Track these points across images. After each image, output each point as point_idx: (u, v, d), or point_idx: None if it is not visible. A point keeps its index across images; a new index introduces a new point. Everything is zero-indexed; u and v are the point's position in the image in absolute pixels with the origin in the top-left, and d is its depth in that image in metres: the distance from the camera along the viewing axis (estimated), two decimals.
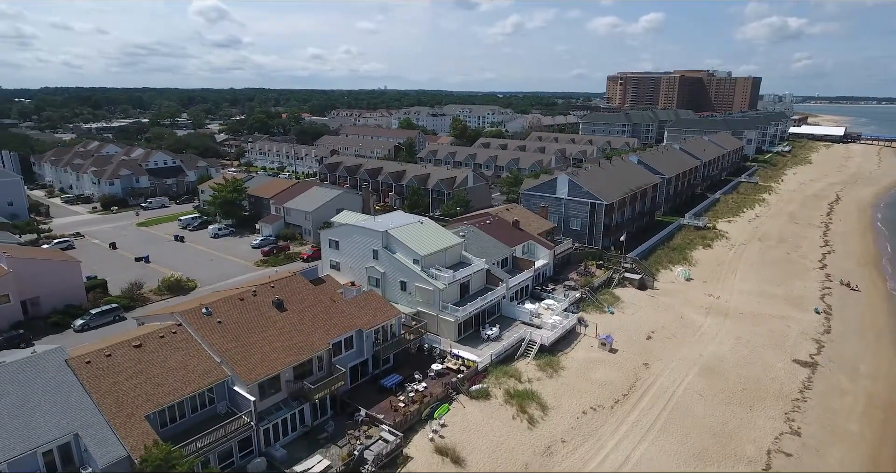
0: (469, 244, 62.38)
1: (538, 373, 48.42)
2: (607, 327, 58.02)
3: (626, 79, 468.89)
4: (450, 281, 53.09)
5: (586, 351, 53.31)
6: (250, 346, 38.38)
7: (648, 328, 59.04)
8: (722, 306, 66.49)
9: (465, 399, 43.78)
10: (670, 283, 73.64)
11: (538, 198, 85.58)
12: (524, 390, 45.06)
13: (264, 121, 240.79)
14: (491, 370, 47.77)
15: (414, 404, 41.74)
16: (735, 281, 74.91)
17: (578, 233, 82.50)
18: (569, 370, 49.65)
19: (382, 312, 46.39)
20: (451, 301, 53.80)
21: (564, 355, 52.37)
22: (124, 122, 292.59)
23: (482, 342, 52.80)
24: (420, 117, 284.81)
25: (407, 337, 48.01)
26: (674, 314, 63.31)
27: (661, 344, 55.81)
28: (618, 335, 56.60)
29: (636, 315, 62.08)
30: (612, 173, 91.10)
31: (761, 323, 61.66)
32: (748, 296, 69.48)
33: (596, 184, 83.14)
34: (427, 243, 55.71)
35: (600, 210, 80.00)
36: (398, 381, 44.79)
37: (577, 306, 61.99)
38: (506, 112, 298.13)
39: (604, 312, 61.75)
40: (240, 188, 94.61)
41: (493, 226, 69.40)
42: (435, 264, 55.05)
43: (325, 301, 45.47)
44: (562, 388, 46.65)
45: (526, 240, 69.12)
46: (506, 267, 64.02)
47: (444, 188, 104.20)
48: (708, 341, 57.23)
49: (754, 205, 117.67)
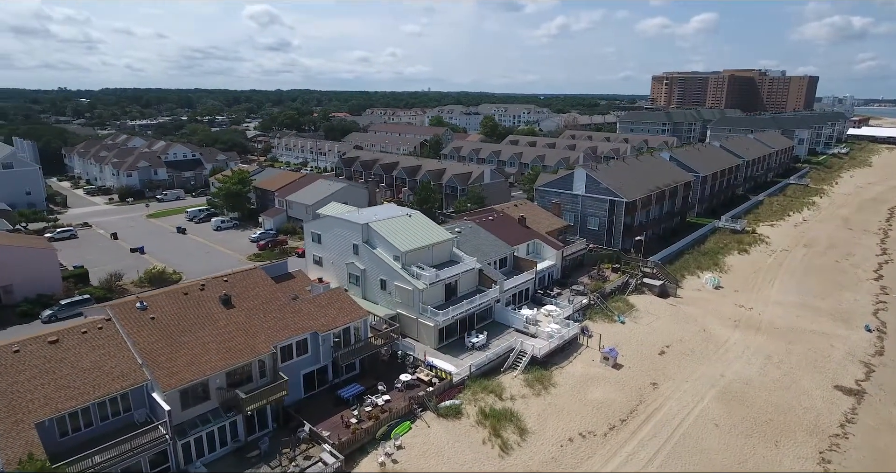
0: (464, 241, 56.53)
1: (524, 390, 42.12)
2: (615, 338, 50.98)
3: (671, 80, 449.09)
4: (432, 281, 47.42)
5: (586, 366, 46.53)
6: (180, 347, 33.91)
7: (663, 341, 51.59)
8: (754, 319, 58.05)
9: (431, 417, 38.03)
10: (696, 291, 65.46)
11: (553, 194, 78.66)
12: (503, 409, 38.90)
13: (295, 117, 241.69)
14: (469, 383, 41.81)
15: (369, 420, 36.33)
16: (772, 291, 65.95)
17: (596, 233, 75.15)
18: (561, 387, 43.08)
19: (346, 313, 41.21)
20: (435, 303, 48.15)
21: (559, 369, 45.80)
22: (166, 119, 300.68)
23: (466, 351, 46.89)
24: (453, 115, 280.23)
25: (374, 342, 42.66)
26: (696, 326, 55.48)
27: (675, 361, 48.36)
28: (626, 348, 49.52)
29: (651, 325, 54.64)
30: (637, 169, 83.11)
31: (799, 341, 53.07)
32: (786, 309, 60.63)
33: (616, 180, 75.57)
34: (411, 238, 50.24)
35: (620, 208, 72.46)
36: (358, 392, 39.49)
37: (582, 313, 55.11)
38: (542, 111, 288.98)
39: (613, 321, 54.63)
40: (245, 180, 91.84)
41: (495, 222, 63.27)
42: (419, 261, 49.52)
43: (283, 299, 40.68)
44: (549, 409, 40.19)
45: (531, 239, 62.63)
46: (505, 267, 57.82)
47: (457, 184, 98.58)
48: (733, 359, 49.31)
49: (802, 208, 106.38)
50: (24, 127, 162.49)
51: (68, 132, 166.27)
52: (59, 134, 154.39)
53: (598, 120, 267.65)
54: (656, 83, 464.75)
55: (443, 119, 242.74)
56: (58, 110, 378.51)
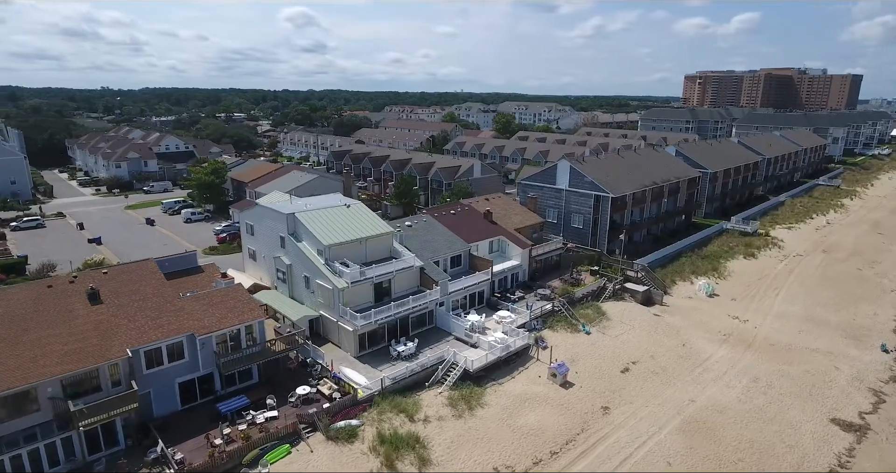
0: (412, 236, 50.43)
1: (444, 410, 35.71)
2: (573, 351, 43.99)
3: (705, 79, 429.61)
4: (355, 279, 41.47)
5: (528, 384, 39.75)
6: (16, 347, 28.94)
7: (631, 356, 44.26)
8: (747, 333, 49.96)
9: (319, 440, 32.07)
10: (686, 299, 57.54)
11: (537, 189, 71.73)
12: (407, 434, 32.61)
13: (307, 113, 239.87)
14: (378, 400, 35.65)
15: (243, 440, 30.64)
16: (776, 301, 57.40)
17: (580, 231, 67.83)
18: (490, 408, 36.47)
19: (237, 313, 35.66)
20: (362, 304, 42.22)
21: (496, 386, 39.17)
22: (184, 115, 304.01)
23: (391, 360, 40.75)
24: (470, 113, 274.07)
25: (272, 348, 36.96)
26: (675, 339, 47.85)
27: (640, 381, 41.03)
28: (583, 363, 42.48)
29: (621, 338, 47.31)
30: (632, 163, 75.25)
31: (797, 361, 44.89)
32: (788, 322, 52.20)
33: (604, 173, 68.04)
34: (339, 230, 44.42)
35: (606, 204, 64.94)
36: (241, 406, 33.88)
37: (542, 321, 48.20)
38: (564, 109, 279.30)
39: (578, 331, 47.54)
40: (218, 170, 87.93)
41: (457, 216, 56.89)
42: (347, 257, 43.68)
43: (169, 295, 35.45)
44: (466, 435, 33.68)
45: (496, 236, 55.98)
46: (458, 266, 51.41)
47: (442, 178, 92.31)
48: (710, 381, 41.65)
49: (828, 210, 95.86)
50: (33, 119, 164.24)
51: (77, 125, 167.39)
52: (65, 127, 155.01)
53: (622, 118, 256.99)
54: (689, 82, 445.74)
55: (456, 116, 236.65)
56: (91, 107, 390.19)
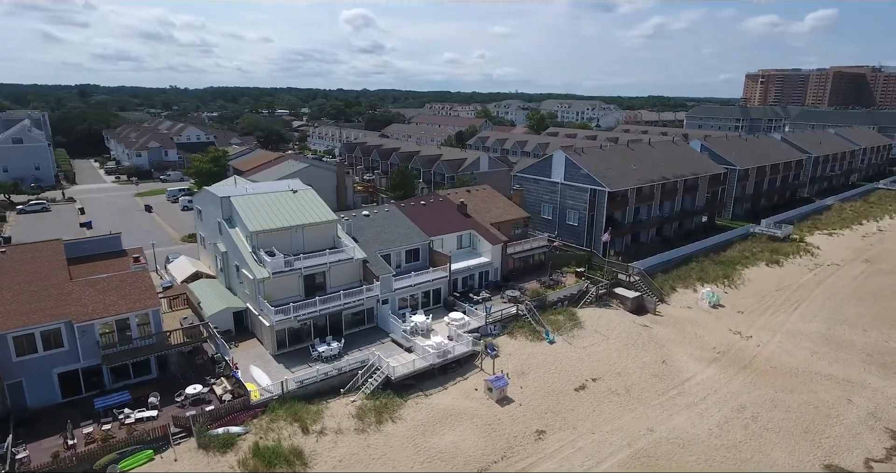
0: (366, 227, 46.17)
1: (349, 422, 31.09)
2: (528, 362, 38.32)
3: (767, 78, 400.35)
4: (277, 269, 37.51)
5: (460, 397, 34.49)
6: None
7: (593, 372, 38.08)
8: (746, 352, 42.45)
9: (189, 448, 28.22)
10: (685, 309, 50.26)
11: (532, 182, 65.78)
12: (291, 447, 28.26)
13: (342, 109, 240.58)
14: (274, 406, 31.51)
15: (103, 441, 27.26)
16: (792, 316, 49.11)
17: (576, 229, 61.33)
18: (404, 423, 31.53)
19: (131, 301, 32.44)
20: (289, 298, 38.24)
21: (421, 398, 34.18)
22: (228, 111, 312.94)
23: (311, 361, 36.51)
24: (510, 110, 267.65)
25: (170, 341, 33.51)
26: (656, 355, 41.11)
27: (595, 402, 34.89)
28: (534, 377, 36.77)
29: (589, 350, 41.08)
30: (642, 156, 67.76)
31: (800, 389, 37.26)
32: (801, 342, 44.13)
33: (604, 165, 61.22)
34: (271, 216, 40.64)
35: (601, 199, 58.20)
36: (119, 403, 30.62)
37: (499, 326, 42.66)
38: (608, 107, 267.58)
39: (541, 339, 41.70)
40: (218, 159, 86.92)
41: (426, 207, 52.11)
42: (280, 245, 39.84)
43: (59, 278, 32.73)
44: (362, 453, 28.94)
45: (466, 230, 50.76)
46: (416, 261, 46.63)
47: (445, 170, 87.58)
48: (683, 407, 34.93)
49: (883, 216, 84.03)
50: (77, 110, 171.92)
51: (117, 117, 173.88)
52: (104, 118, 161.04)
53: (669, 117, 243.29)
54: (749, 82, 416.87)
55: (492, 113, 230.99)
56: (151, 104, 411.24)
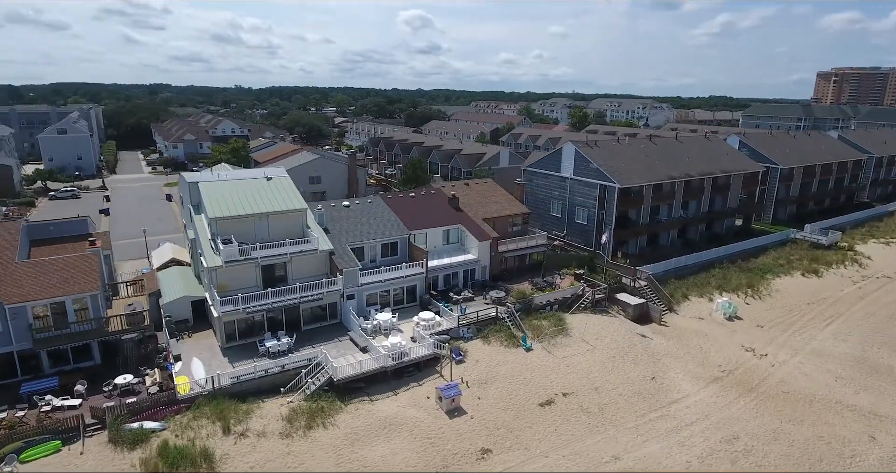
0: (342, 218, 43.86)
1: (277, 425, 28.65)
2: (493, 370, 34.69)
3: (841, 76, 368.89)
4: (230, 258, 35.66)
5: (408, 405, 31.35)
6: None
7: (567, 385, 33.92)
8: (757, 372, 36.87)
9: (100, 441, 26.64)
10: (696, 320, 44.82)
11: (542, 176, 61.57)
12: (202, 449, 26.10)
13: (384, 105, 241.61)
14: (201, 401, 29.52)
15: (8, 429, 26.12)
16: (822, 333, 42.66)
17: (584, 228, 56.61)
18: (336, 430, 28.74)
19: (71, 284, 31.40)
20: (246, 288, 36.38)
21: (365, 402, 31.31)
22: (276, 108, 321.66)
23: (258, 356, 34.39)
24: (555, 109, 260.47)
25: (108, 328, 32.23)
26: (647, 370, 36.36)
27: (559, 419, 30.82)
28: (497, 387, 33.11)
29: (570, 359, 36.85)
30: (664, 151, 61.90)
31: (814, 420, 31.63)
32: (827, 363, 37.97)
33: (617, 159, 56.10)
34: (235, 203, 38.91)
35: (611, 196, 53.23)
36: (48, 388, 29.55)
37: (471, 329, 39.13)
38: (660, 107, 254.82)
39: (517, 346, 37.87)
40: (237, 150, 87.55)
41: (414, 200, 49.24)
42: (243, 233, 38.08)
43: (5, 258, 32.18)
44: (279, 461, 26.38)
45: (454, 224, 47.44)
46: (394, 255, 43.79)
47: (462, 165, 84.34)
48: (662, 433, 30.26)
49: None
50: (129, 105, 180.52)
51: (167, 112, 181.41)
52: (154, 113, 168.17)
53: (725, 116, 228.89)
54: (821, 81, 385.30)
55: (533, 110, 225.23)
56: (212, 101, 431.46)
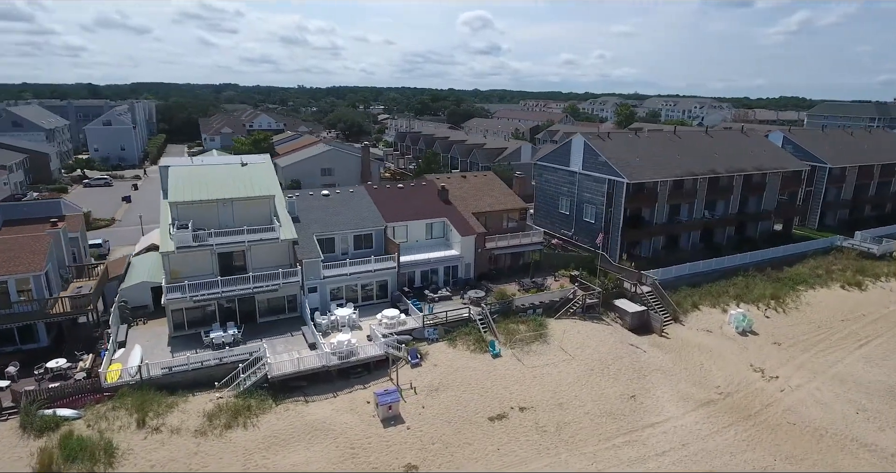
0: (313, 206, 41.98)
1: (197, 421, 26.77)
2: (449, 377, 31.54)
3: None
4: (184, 244, 34.26)
5: (343, 409, 28.71)
6: None
7: (528, 399, 30.22)
8: (761, 396, 31.69)
9: (12, 427, 25.61)
10: (703, 333, 39.69)
11: (551, 171, 57.40)
12: (108, 442, 24.55)
13: (427, 103, 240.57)
14: (125, 391, 28.08)
15: None
16: (852, 355, 36.50)
17: (592, 227, 51.97)
18: (255, 432, 26.50)
19: (13, 264, 30.90)
20: (201, 276, 34.98)
21: (299, 403, 28.95)
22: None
23: (202, 347, 32.78)
24: (605, 108, 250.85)
25: (51, 310, 31.48)
26: (627, 387, 32.02)
27: (507, 437, 27.24)
28: (447, 396, 29.94)
29: (541, 370, 33.04)
30: (688, 145, 56.05)
31: (815, 458, 26.44)
32: (849, 391, 32.15)
33: (629, 153, 51.12)
34: (199, 188, 37.61)
35: (619, 192, 48.45)
36: None
37: (441, 330, 36.00)
38: (719, 106, 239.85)
39: (484, 351, 34.45)
40: (259, 141, 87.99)
41: (402, 191, 46.64)
42: (206, 219, 36.72)
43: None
44: (183, 460, 24.42)
45: (438, 217, 44.40)
46: (368, 248, 41.34)
47: (479, 160, 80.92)
48: (624, 462, 26.04)
49: None
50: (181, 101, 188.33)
51: (216, 108, 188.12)
52: (203, 108, 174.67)
53: (790, 116, 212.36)
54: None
55: (578, 109, 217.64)
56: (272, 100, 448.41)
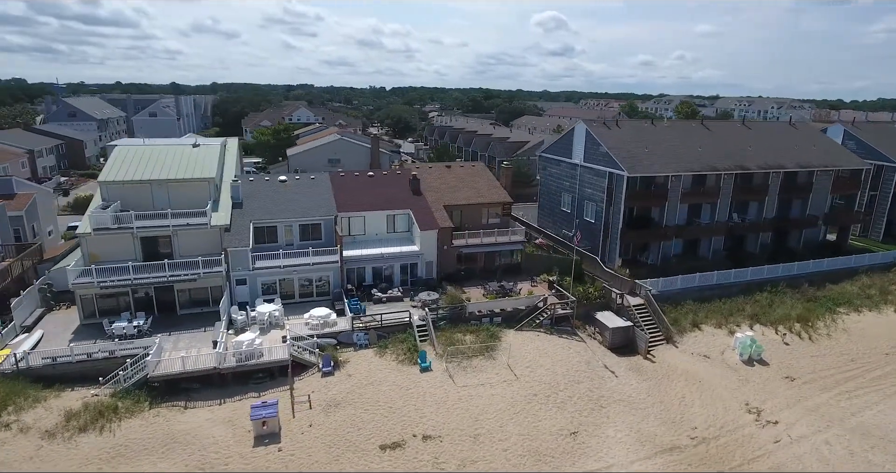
0: (263, 192, 38.81)
1: (53, 420, 23.89)
2: (357, 392, 27.04)
3: None
4: (101, 226, 31.81)
5: (221, 420, 24.87)
6: None
7: (439, 426, 25.03)
8: (746, 445, 24.67)
9: None
10: (700, 358, 32.67)
11: (554, 163, 51.29)
12: None
13: (479, 101, 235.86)
14: None
15: None
16: (887, 401, 28.23)
17: (592, 227, 45.43)
18: (111, 438, 23.19)
19: None
20: (123, 261, 32.51)
21: (175, 409, 25.46)
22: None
23: (105, 338, 30.14)
24: (670, 107, 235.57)
25: None
26: (573, 420, 26.03)
27: (391, 466, 22.30)
28: (341, 415, 25.43)
29: (473, 391, 27.68)
30: (716, 138, 47.93)
31: None
32: (870, 449, 24.37)
33: (637, 143, 44.07)
34: (134, 168, 35.24)
35: (619, 187, 41.69)
36: None
37: (373, 335, 31.45)
38: (800, 106, 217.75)
39: (413, 364, 29.57)
40: (279, 132, 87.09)
41: (371, 179, 42.59)
42: (140, 202, 34.37)
43: None
44: (15, 465, 21.54)
45: (402, 209, 39.82)
46: (317, 239, 37.51)
47: (497, 154, 75.32)
48: None
49: None
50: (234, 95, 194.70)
51: (269, 102, 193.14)
52: (256, 103, 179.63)
53: (884, 117, 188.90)
54: None
55: (636, 107, 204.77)
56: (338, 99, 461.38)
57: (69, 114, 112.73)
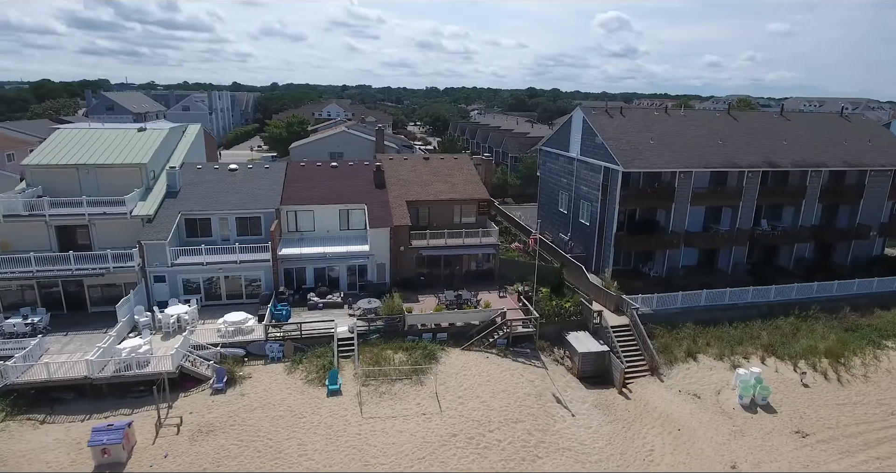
0: (213, 181, 35.42)
1: None
2: (244, 415, 22.75)
3: None
4: (11, 212, 29.14)
5: (67, 442, 21.21)
6: None
7: (318, 466, 20.28)
8: None
9: None
10: (688, 397, 26.20)
11: (553, 158, 45.37)
12: None
13: (523, 100, 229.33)
14: None
15: None
16: None
17: (586, 231, 39.23)
18: None
19: None
20: (36, 251, 29.83)
21: (29, 425, 22.07)
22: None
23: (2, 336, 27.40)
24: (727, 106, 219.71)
25: None
26: (490, 470, 20.59)
27: None
28: (215, 444, 21.20)
29: (383, 424, 22.72)
30: (744, 129, 40.36)
31: None
32: None
33: (640, 133, 37.42)
34: (64, 152, 32.60)
35: (614, 183, 35.33)
36: None
37: (283, 347, 27.07)
38: (878, 107, 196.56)
39: (322, 384, 24.96)
40: (293, 126, 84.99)
41: (334, 171, 38.51)
42: (67, 189, 31.68)
43: None
44: None
45: (357, 203, 35.30)
46: (256, 234, 33.61)
47: (509, 150, 69.49)
48: None
49: None
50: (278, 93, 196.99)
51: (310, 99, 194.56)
52: (297, 100, 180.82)
53: None
54: None
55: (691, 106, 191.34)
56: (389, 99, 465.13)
57: (107, 108, 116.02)
